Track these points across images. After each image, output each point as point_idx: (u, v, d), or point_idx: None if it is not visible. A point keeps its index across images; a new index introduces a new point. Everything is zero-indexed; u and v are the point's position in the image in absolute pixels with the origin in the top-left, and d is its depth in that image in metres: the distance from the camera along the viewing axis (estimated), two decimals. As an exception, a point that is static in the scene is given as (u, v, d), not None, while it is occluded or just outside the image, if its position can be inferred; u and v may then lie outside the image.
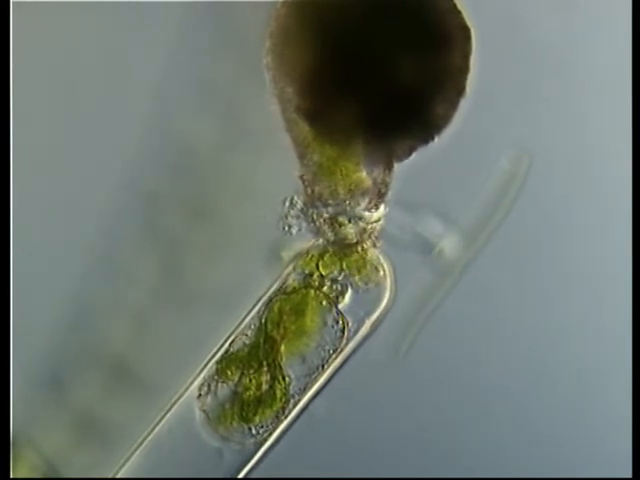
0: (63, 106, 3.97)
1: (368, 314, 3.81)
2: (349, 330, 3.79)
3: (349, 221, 3.79)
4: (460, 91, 3.74)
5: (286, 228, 3.83)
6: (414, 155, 3.79)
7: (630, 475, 3.58)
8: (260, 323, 3.83)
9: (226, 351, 3.84)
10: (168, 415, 3.85)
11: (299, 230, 3.84)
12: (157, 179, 3.91)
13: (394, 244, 3.82)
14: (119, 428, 3.89)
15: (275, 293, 3.84)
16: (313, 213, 3.81)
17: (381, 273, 3.79)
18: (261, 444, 3.82)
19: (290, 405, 3.80)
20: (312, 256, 3.84)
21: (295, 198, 3.83)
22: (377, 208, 3.81)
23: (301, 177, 3.83)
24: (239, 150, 3.89)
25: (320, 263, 3.81)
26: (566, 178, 3.87)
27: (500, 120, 3.83)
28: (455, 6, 3.71)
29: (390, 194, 3.82)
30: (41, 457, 3.94)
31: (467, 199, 3.84)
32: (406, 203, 3.84)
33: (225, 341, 3.85)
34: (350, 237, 3.80)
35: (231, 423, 3.81)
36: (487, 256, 3.85)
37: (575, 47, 3.86)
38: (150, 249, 3.91)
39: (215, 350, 3.86)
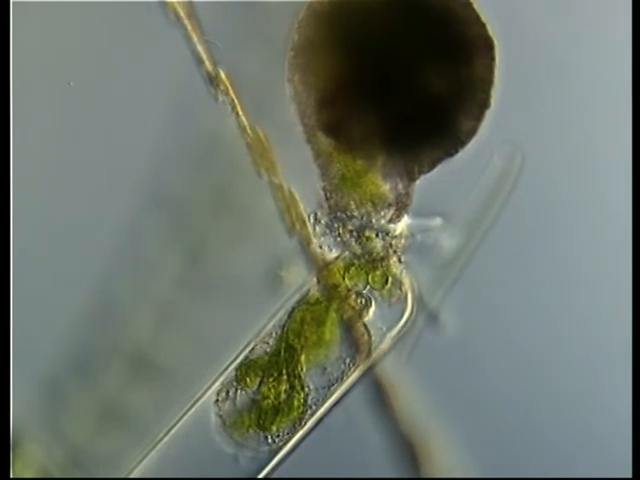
0: (65, 106, 3.94)
1: (390, 329, 3.83)
2: (371, 344, 3.81)
3: (376, 235, 3.80)
4: (484, 103, 3.74)
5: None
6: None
7: (630, 475, 3.60)
8: (282, 332, 3.82)
9: (246, 358, 3.83)
10: (185, 418, 3.85)
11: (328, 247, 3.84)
12: (179, 172, 3.89)
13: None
14: (141, 419, 3.88)
15: (298, 303, 3.83)
16: (339, 227, 3.80)
17: (405, 288, 3.81)
18: (275, 452, 3.82)
19: (307, 415, 3.81)
20: (338, 268, 3.83)
21: (319, 214, 3.82)
22: (399, 219, 3.81)
23: (323, 188, 3.81)
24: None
25: (346, 275, 3.81)
26: (565, 178, 3.89)
27: (498, 120, 3.84)
28: (479, 17, 3.70)
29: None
30: (41, 457, 3.91)
31: (464, 198, 3.85)
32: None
33: (245, 348, 3.84)
34: (377, 251, 3.80)
35: (247, 430, 3.81)
36: (484, 255, 3.88)
37: (574, 47, 3.86)
38: (173, 241, 3.88)
39: (235, 355, 3.85)
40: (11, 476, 3.82)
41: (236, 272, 3.88)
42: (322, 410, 3.82)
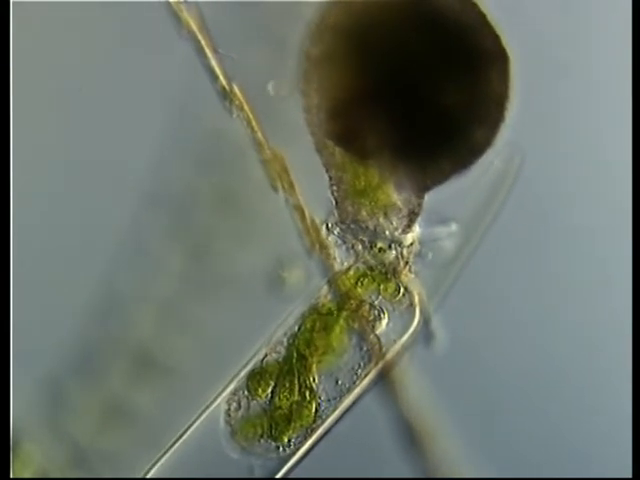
0: (66, 106, 3.90)
1: (399, 338, 3.84)
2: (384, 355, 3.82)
3: (389, 246, 3.79)
4: (499, 116, 3.73)
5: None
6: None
7: (630, 475, 3.64)
8: (293, 341, 3.81)
9: (257, 367, 3.82)
10: (195, 425, 3.85)
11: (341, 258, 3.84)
12: (183, 171, 3.87)
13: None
14: (145, 418, 3.88)
15: (309, 312, 3.82)
16: (351, 237, 3.78)
17: (415, 298, 3.81)
18: (285, 460, 3.84)
19: (318, 425, 3.81)
20: (350, 278, 3.82)
21: (330, 224, 3.80)
22: (411, 229, 3.80)
23: (334, 198, 3.79)
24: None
25: (359, 286, 3.80)
26: (565, 178, 3.90)
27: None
28: (493, 29, 3.70)
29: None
30: (41, 457, 3.90)
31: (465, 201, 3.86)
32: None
33: (254, 355, 3.84)
34: (390, 263, 3.79)
35: (259, 441, 3.81)
36: (483, 255, 3.90)
37: (574, 47, 3.86)
38: (177, 240, 3.87)
39: (239, 355, 3.84)
40: (11, 476, 3.79)
41: (239, 272, 3.86)
42: (333, 419, 3.82)
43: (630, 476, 3.64)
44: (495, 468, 3.88)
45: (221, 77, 3.75)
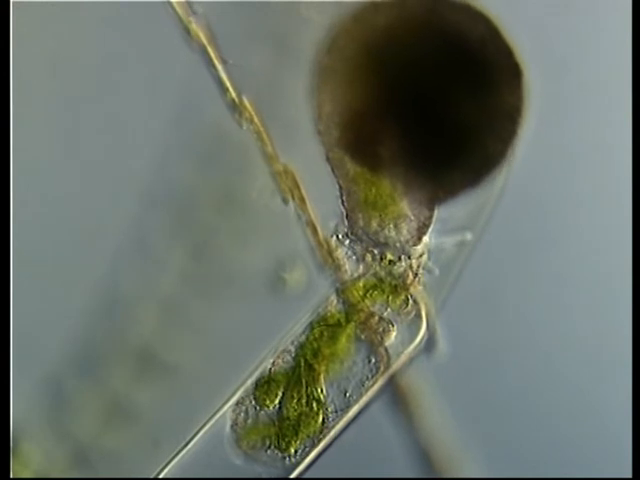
0: (67, 105, 3.87)
1: (406, 348, 3.84)
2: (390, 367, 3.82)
3: (399, 258, 3.77)
4: (512, 132, 3.72)
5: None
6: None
7: (630, 475, 3.67)
8: (300, 351, 3.80)
9: (264, 376, 3.81)
10: (201, 433, 3.84)
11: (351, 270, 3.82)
12: (187, 169, 3.85)
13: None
14: (148, 416, 3.88)
15: (318, 322, 3.80)
16: (361, 250, 3.76)
17: (422, 310, 3.80)
18: (291, 469, 3.85)
19: (324, 435, 3.81)
20: (359, 290, 3.80)
21: (341, 235, 3.77)
22: (420, 241, 3.78)
23: (344, 208, 3.77)
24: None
25: (368, 298, 3.79)
26: (566, 179, 3.91)
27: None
28: (508, 45, 3.67)
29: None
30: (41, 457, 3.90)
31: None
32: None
33: (261, 363, 3.83)
34: (399, 275, 3.78)
35: (266, 451, 3.81)
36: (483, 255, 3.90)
37: (573, 46, 3.84)
38: (180, 238, 3.85)
39: (247, 362, 3.84)
40: (11, 476, 3.79)
41: (240, 271, 3.85)
42: (339, 430, 3.82)
43: (630, 476, 3.67)
44: (495, 468, 3.91)
45: (231, 89, 3.70)
